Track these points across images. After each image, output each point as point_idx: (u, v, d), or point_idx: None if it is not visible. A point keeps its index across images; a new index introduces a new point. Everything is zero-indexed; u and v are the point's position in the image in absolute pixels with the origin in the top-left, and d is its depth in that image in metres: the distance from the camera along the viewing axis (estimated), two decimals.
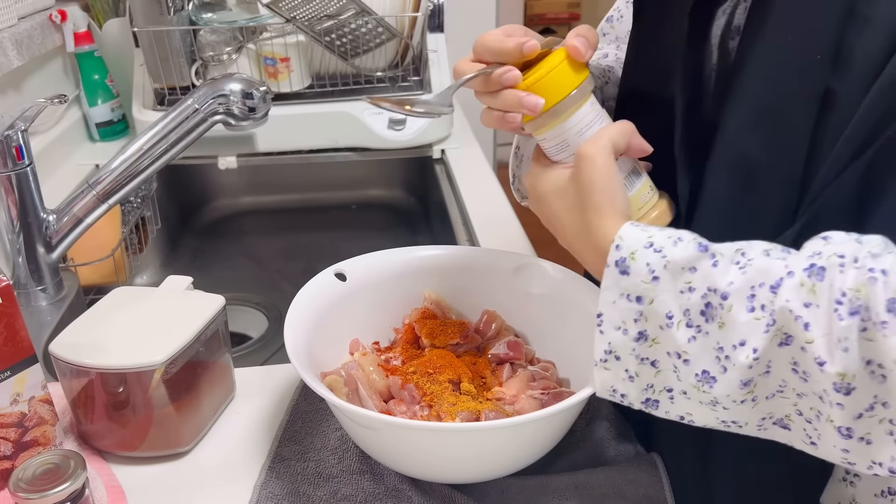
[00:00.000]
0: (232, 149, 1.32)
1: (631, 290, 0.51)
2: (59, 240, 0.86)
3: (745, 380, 0.48)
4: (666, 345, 0.50)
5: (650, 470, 0.63)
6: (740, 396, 0.48)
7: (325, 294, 0.70)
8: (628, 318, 0.51)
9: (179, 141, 0.85)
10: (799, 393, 0.47)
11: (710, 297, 0.48)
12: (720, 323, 0.48)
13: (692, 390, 0.50)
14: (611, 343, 0.52)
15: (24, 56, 1.18)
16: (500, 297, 0.75)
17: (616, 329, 0.52)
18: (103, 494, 0.62)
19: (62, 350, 0.63)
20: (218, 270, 1.31)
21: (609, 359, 0.53)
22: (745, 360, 0.47)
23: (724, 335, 0.48)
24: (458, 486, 0.61)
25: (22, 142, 0.82)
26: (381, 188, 1.44)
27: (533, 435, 0.59)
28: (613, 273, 0.51)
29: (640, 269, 0.50)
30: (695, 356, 0.49)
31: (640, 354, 0.52)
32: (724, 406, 0.50)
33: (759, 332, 0.46)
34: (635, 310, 0.51)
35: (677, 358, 0.50)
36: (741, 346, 0.47)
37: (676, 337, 0.49)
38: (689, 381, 0.50)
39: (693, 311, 0.49)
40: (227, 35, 1.27)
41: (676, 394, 0.52)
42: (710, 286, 0.48)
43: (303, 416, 0.70)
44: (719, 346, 0.48)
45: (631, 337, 0.51)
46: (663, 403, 0.53)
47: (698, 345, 0.49)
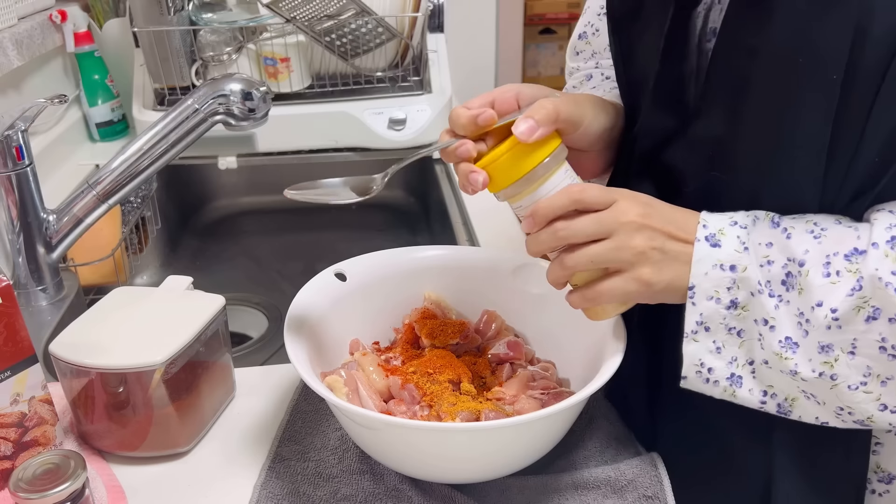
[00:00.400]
0: (232, 149, 1.32)
1: (724, 260, 0.52)
2: (59, 240, 0.86)
3: (823, 343, 0.50)
4: (755, 311, 0.52)
5: (650, 470, 0.63)
6: (818, 365, 0.50)
7: (325, 294, 0.70)
8: (721, 287, 0.52)
9: (179, 141, 0.85)
10: (884, 379, 0.49)
11: (789, 267, 0.51)
12: (799, 289, 0.51)
13: (774, 359, 0.52)
14: (702, 314, 0.53)
15: (24, 56, 1.18)
16: (500, 297, 0.75)
17: (708, 299, 0.53)
18: (103, 494, 0.62)
19: (62, 350, 0.63)
20: (218, 270, 1.31)
21: (699, 330, 0.54)
22: (824, 320, 0.49)
23: (802, 300, 0.50)
24: (458, 486, 0.61)
25: (22, 142, 0.82)
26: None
27: (533, 435, 0.59)
28: (704, 247, 0.53)
29: (731, 241, 0.53)
30: (779, 321, 0.51)
31: (729, 324, 0.53)
32: (802, 377, 0.51)
33: (839, 294, 0.49)
34: (729, 278, 0.52)
35: (764, 325, 0.52)
36: (818, 306, 0.49)
37: (765, 303, 0.51)
38: (772, 349, 0.51)
39: (774, 282, 0.51)
40: (227, 35, 1.27)
41: (758, 365, 0.53)
42: (788, 256, 0.51)
43: (303, 416, 0.70)
44: (800, 311, 0.50)
45: (723, 304, 0.53)
46: (746, 379, 0.54)
47: (782, 311, 0.51)
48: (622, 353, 0.60)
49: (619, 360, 0.59)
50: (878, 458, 0.60)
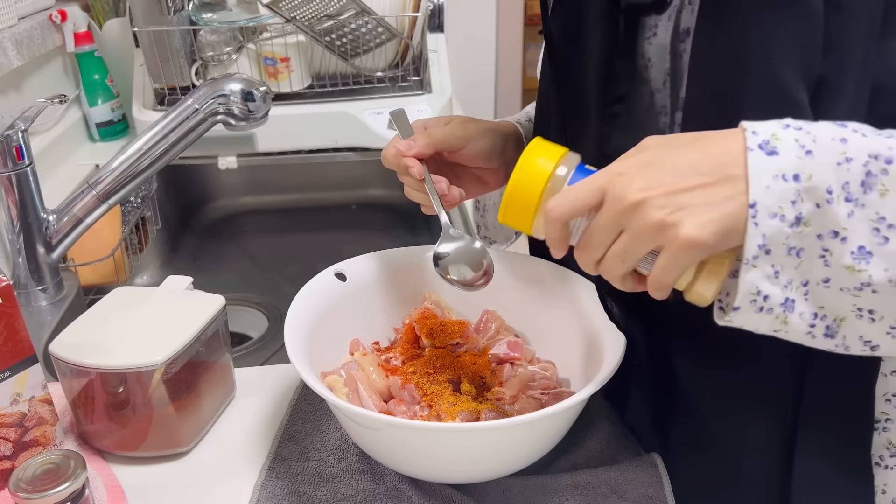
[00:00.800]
0: (232, 149, 1.32)
1: (786, 169, 0.46)
2: (59, 240, 0.86)
3: None
4: (820, 225, 0.46)
5: (650, 470, 0.63)
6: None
7: (325, 294, 0.70)
8: (785, 201, 0.46)
9: (179, 141, 0.85)
10: None
11: (871, 165, 0.45)
12: (882, 190, 0.45)
13: (840, 274, 0.46)
14: (765, 235, 0.46)
15: (24, 56, 1.18)
16: (500, 297, 0.74)
17: (772, 217, 0.46)
18: (103, 494, 0.62)
19: (62, 350, 0.63)
20: (218, 270, 1.31)
21: (760, 255, 0.47)
22: None
23: (885, 203, 0.45)
24: (458, 486, 0.61)
25: (22, 142, 0.82)
26: (381, 188, 1.44)
27: (533, 435, 0.59)
28: (760, 156, 0.46)
29: (790, 146, 0.46)
30: (852, 231, 0.46)
31: (790, 244, 0.47)
32: (874, 289, 0.46)
33: None
34: (794, 189, 0.46)
35: (832, 237, 0.46)
36: None
37: (837, 212, 0.46)
38: (841, 263, 0.46)
39: (853, 183, 0.45)
40: (227, 35, 1.27)
41: (813, 286, 0.48)
42: (870, 153, 0.45)
43: (303, 416, 0.70)
44: (880, 216, 0.45)
45: (787, 222, 0.46)
46: (798, 303, 0.48)
47: (856, 219, 0.46)
48: (622, 353, 0.60)
49: (619, 360, 0.59)
50: (888, 435, 0.58)
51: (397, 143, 0.67)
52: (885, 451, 0.59)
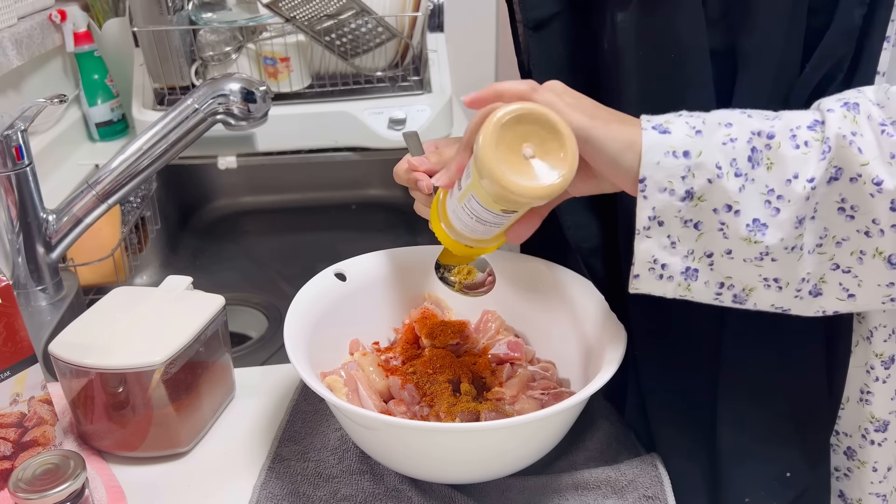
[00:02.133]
0: (232, 149, 1.32)
1: (676, 146, 0.49)
2: (58, 240, 0.86)
3: (800, 216, 0.48)
4: (714, 200, 0.49)
5: (650, 470, 0.63)
6: (791, 240, 0.48)
7: (325, 294, 0.70)
8: (675, 176, 0.49)
9: (179, 141, 0.85)
10: (839, 240, 0.49)
11: (755, 142, 0.49)
12: (768, 164, 0.48)
13: (740, 245, 0.49)
14: (655, 208, 0.50)
15: (23, 56, 1.18)
16: (500, 297, 0.74)
17: (661, 191, 0.49)
18: (103, 494, 0.62)
19: (62, 350, 0.63)
20: (218, 270, 1.31)
21: (652, 226, 0.50)
22: (802, 191, 0.47)
23: (773, 175, 0.48)
24: (458, 486, 0.61)
25: (22, 142, 0.82)
26: (381, 188, 1.44)
27: (533, 435, 0.59)
28: (653, 135, 0.49)
29: (681, 127, 0.49)
30: (744, 204, 0.48)
31: (684, 216, 0.50)
32: (773, 257, 0.49)
33: (813, 161, 0.47)
34: (683, 165, 0.49)
35: (727, 211, 0.49)
36: (795, 178, 0.48)
37: (727, 187, 0.48)
38: (738, 235, 0.49)
39: (740, 159, 0.48)
40: (227, 35, 1.27)
41: (717, 257, 0.50)
42: (752, 130, 0.49)
43: (303, 416, 0.70)
44: (769, 188, 0.48)
45: (678, 196, 0.49)
46: (702, 272, 0.51)
47: (747, 193, 0.48)
48: (622, 353, 0.59)
49: (619, 360, 0.59)
50: (871, 409, 0.60)
51: (409, 159, 0.67)
52: (869, 425, 0.60)
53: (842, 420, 0.62)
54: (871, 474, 0.61)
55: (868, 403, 0.60)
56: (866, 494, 0.62)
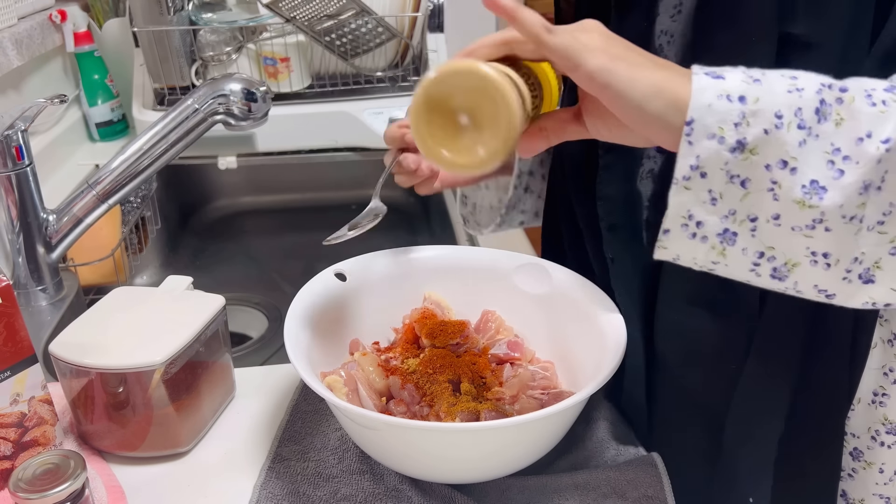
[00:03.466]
0: (232, 149, 1.32)
1: (732, 90, 0.43)
2: (59, 240, 0.86)
3: (867, 181, 0.43)
4: (768, 154, 0.43)
5: (650, 470, 0.63)
6: (853, 208, 0.43)
7: (325, 294, 0.70)
8: (727, 122, 0.43)
9: (179, 141, 0.85)
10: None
11: (825, 94, 0.43)
12: (837, 120, 0.43)
13: (791, 209, 0.44)
14: (699, 156, 0.44)
15: (24, 56, 1.18)
16: (500, 297, 0.74)
17: (710, 137, 0.43)
18: (103, 494, 0.62)
19: (62, 350, 0.63)
20: (218, 270, 1.31)
21: (693, 176, 0.44)
22: (875, 152, 0.42)
23: (842, 132, 0.43)
24: (458, 486, 0.61)
25: (22, 142, 0.82)
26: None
27: (533, 435, 0.59)
28: (704, 78, 0.44)
29: (737, 75, 0.44)
30: (803, 162, 0.43)
31: (731, 170, 0.44)
32: (827, 226, 0.44)
33: (890, 120, 0.42)
34: (738, 111, 0.43)
35: (781, 168, 0.43)
36: (868, 137, 0.42)
37: (786, 139, 0.43)
38: (791, 197, 0.43)
39: (806, 110, 0.43)
40: (227, 35, 1.27)
41: (762, 222, 0.45)
42: (822, 82, 0.44)
43: (303, 416, 0.70)
44: (835, 147, 0.43)
45: (727, 146, 0.43)
46: (742, 237, 0.46)
47: (808, 149, 0.43)
48: (622, 353, 0.60)
49: (619, 360, 0.59)
50: (885, 410, 0.58)
51: (401, 122, 0.64)
52: (881, 427, 0.58)
53: (851, 421, 0.61)
54: (878, 476, 0.61)
55: (882, 405, 0.58)
56: (870, 495, 0.61)
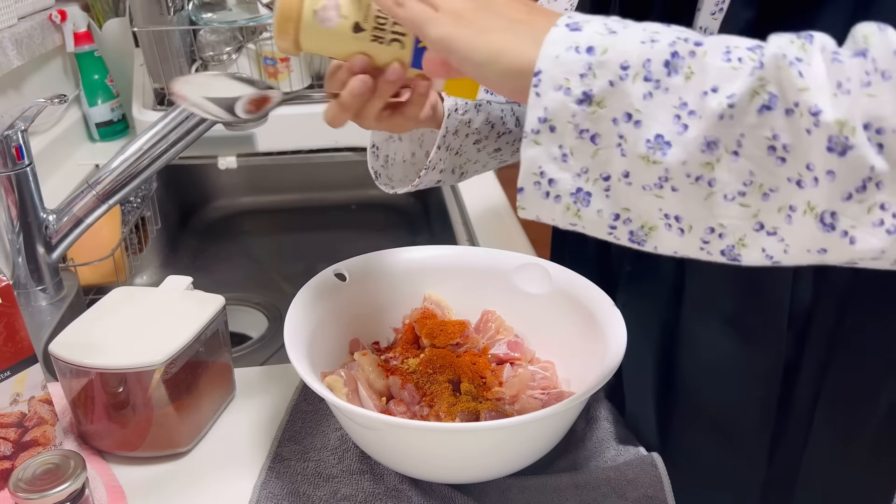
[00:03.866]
0: (232, 149, 1.32)
1: (581, 42, 0.43)
2: (59, 240, 0.86)
3: (710, 137, 0.41)
4: (614, 107, 0.43)
5: (650, 470, 0.63)
6: (697, 167, 0.42)
7: (325, 294, 0.70)
8: (573, 74, 0.43)
9: (179, 141, 0.85)
10: (766, 191, 0.41)
11: (678, 46, 0.42)
12: (687, 74, 0.42)
13: (638, 164, 0.43)
14: (547, 108, 0.43)
15: (24, 56, 1.18)
16: (500, 297, 0.74)
17: (556, 89, 0.43)
18: (103, 494, 0.62)
19: (62, 350, 0.63)
20: (218, 270, 1.31)
21: (542, 129, 0.44)
22: (717, 107, 0.41)
23: (690, 87, 0.41)
24: (458, 486, 0.61)
25: (22, 142, 0.82)
26: None
27: (533, 435, 0.59)
28: (562, 31, 0.44)
29: (596, 26, 0.44)
30: (648, 116, 0.42)
31: (579, 124, 0.43)
32: (673, 185, 0.42)
33: (739, 78, 0.41)
34: (584, 62, 0.42)
35: (626, 121, 0.42)
36: (713, 91, 0.41)
37: (630, 91, 0.42)
38: (636, 152, 0.42)
39: (655, 62, 0.42)
40: (227, 35, 1.27)
41: (615, 181, 0.44)
42: (679, 35, 0.43)
43: (303, 416, 0.70)
44: (682, 101, 0.42)
45: (574, 97, 0.43)
46: (596, 198, 0.45)
47: (655, 102, 0.42)
48: (622, 352, 0.60)
49: (619, 359, 0.59)
50: None
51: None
52: None
53: None
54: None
55: None
56: None
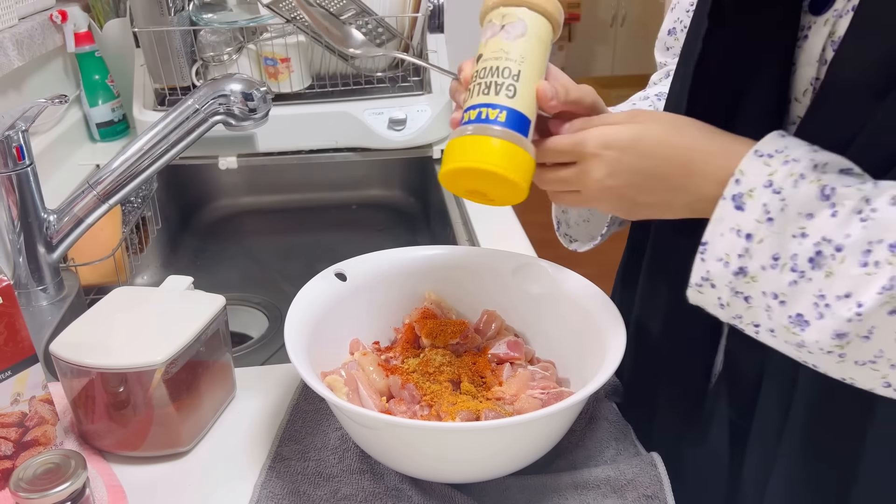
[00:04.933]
0: (232, 149, 1.32)
1: (742, 227, 0.50)
2: (59, 240, 0.86)
3: (839, 332, 0.47)
4: (764, 284, 0.50)
5: (650, 470, 0.63)
6: (828, 346, 0.48)
7: (325, 294, 0.70)
8: (732, 252, 0.51)
9: (180, 141, 0.85)
10: (894, 363, 0.47)
11: (822, 246, 0.47)
12: (828, 272, 0.47)
13: (781, 331, 0.50)
14: (709, 272, 0.52)
15: (24, 56, 1.18)
16: (500, 297, 0.75)
17: (717, 260, 0.51)
18: (104, 494, 0.62)
19: (63, 350, 0.63)
20: (218, 270, 1.31)
21: (704, 285, 0.53)
22: (846, 314, 0.46)
23: (828, 284, 0.47)
24: (458, 486, 0.61)
25: (22, 142, 0.82)
26: (381, 188, 1.44)
27: (533, 435, 0.59)
28: (728, 206, 0.51)
29: (756, 208, 0.50)
30: (792, 299, 0.49)
31: (735, 288, 0.51)
32: (809, 351, 0.49)
33: (871, 289, 0.45)
34: (742, 246, 0.50)
35: (773, 298, 0.50)
36: (846, 297, 0.46)
37: (779, 279, 0.49)
38: (780, 322, 0.50)
39: (801, 258, 0.48)
40: (228, 35, 1.27)
41: (763, 330, 0.52)
42: (825, 236, 0.47)
43: (303, 416, 0.70)
44: (821, 293, 0.47)
45: (731, 270, 0.51)
46: (748, 331, 0.53)
47: (798, 290, 0.48)
48: (622, 352, 0.60)
49: (618, 359, 0.59)
50: None
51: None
52: None
53: None
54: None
55: None
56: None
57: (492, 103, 0.55)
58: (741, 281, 0.51)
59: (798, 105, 0.57)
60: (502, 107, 0.55)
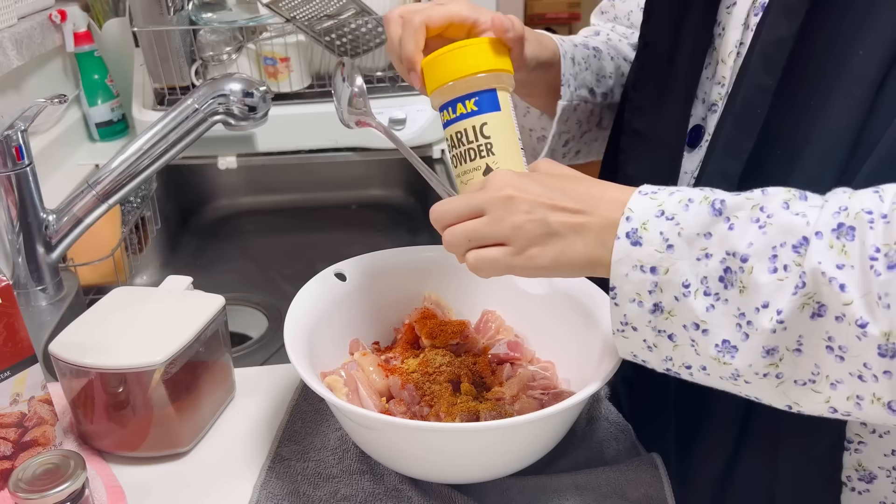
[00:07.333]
0: (232, 149, 1.32)
1: (644, 261, 0.49)
2: (58, 240, 0.86)
3: (768, 346, 0.45)
4: (682, 316, 0.48)
5: (650, 470, 0.63)
6: (763, 368, 0.46)
7: (325, 294, 0.70)
8: (643, 290, 0.49)
9: (179, 141, 0.85)
10: (833, 382, 0.45)
11: (728, 262, 0.46)
12: (740, 287, 0.46)
13: (712, 364, 0.48)
14: (626, 315, 0.50)
15: (23, 56, 1.18)
16: (500, 297, 0.74)
17: (630, 301, 0.50)
18: (103, 494, 0.62)
19: (62, 350, 0.63)
20: (218, 270, 1.31)
21: (626, 329, 0.51)
22: (768, 324, 0.45)
23: (745, 300, 0.46)
24: (458, 486, 0.61)
25: (22, 142, 0.82)
26: (381, 188, 1.44)
27: (533, 435, 0.59)
28: (624, 245, 0.49)
29: (653, 239, 0.48)
30: (714, 325, 0.47)
31: (656, 326, 0.50)
32: (745, 380, 0.48)
33: (785, 293, 0.44)
34: (650, 281, 0.49)
35: (695, 329, 0.48)
36: (764, 308, 0.45)
37: (693, 306, 0.47)
38: (708, 354, 0.48)
39: (711, 279, 0.47)
40: (227, 35, 1.27)
41: (696, 370, 0.50)
42: (728, 250, 0.46)
43: (303, 416, 0.70)
44: (740, 311, 0.46)
45: (646, 309, 0.49)
46: (683, 375, 0.51)
47: (717, 313, 0.47)
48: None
49: (619, 360, 0.59)
50: (859, 457, 0.58)
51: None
52: (853, 473, 0.58)
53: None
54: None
55: (858, 452, 0.58)
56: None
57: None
58: (660, 318, 0.49)
59: (724, 66, 0.61)
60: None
